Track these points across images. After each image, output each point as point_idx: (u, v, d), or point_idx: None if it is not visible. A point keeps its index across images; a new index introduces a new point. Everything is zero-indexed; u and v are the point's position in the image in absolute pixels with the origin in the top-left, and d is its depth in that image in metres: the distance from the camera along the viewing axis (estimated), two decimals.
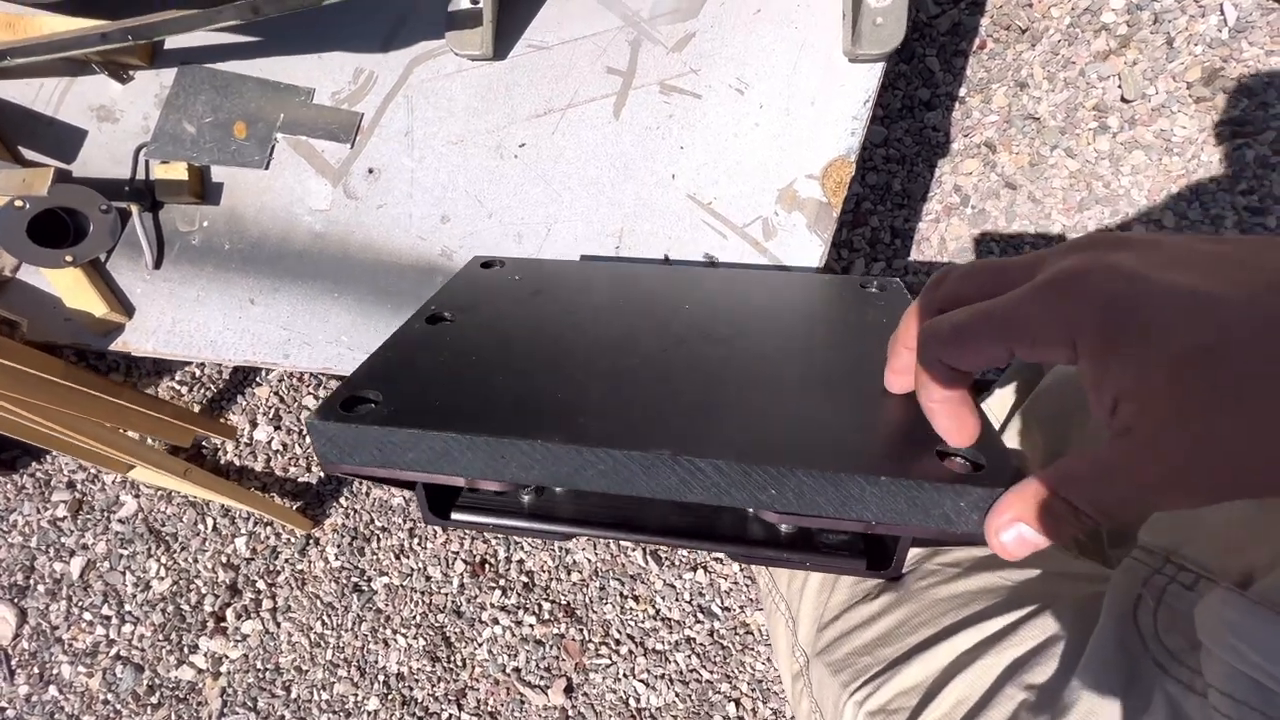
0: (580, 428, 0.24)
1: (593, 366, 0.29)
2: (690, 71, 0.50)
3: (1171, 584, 0.30)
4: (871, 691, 0.36)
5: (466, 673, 0.91)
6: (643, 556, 0.92)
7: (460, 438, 0.24)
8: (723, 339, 0.32)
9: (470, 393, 0.27)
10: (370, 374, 0.28)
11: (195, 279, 0.54)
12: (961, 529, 0.22)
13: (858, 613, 0.40)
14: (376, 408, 0.26)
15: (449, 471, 0.25)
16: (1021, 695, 0.31)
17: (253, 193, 0.54)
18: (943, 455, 0.23)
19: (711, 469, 0.23)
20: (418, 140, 0.53)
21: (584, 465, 0.24)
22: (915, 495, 0.22)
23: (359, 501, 0.97)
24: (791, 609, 0.46)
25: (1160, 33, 0.89)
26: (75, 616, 0.96)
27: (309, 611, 0.94)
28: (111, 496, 0.99)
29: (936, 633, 0.35)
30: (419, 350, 0.31)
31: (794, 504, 0.23)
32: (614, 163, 0.51)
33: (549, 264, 0.41)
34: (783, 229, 0.49)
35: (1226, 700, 0.26)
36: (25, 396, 0.53)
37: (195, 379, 1.01)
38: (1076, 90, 0.91)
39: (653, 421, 0.25)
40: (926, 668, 0.35)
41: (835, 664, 0.39)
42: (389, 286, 0.52)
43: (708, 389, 0.27)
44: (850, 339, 0.32)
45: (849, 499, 0.22)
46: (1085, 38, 0.91)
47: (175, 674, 0.94)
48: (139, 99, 0.56)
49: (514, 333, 0.33)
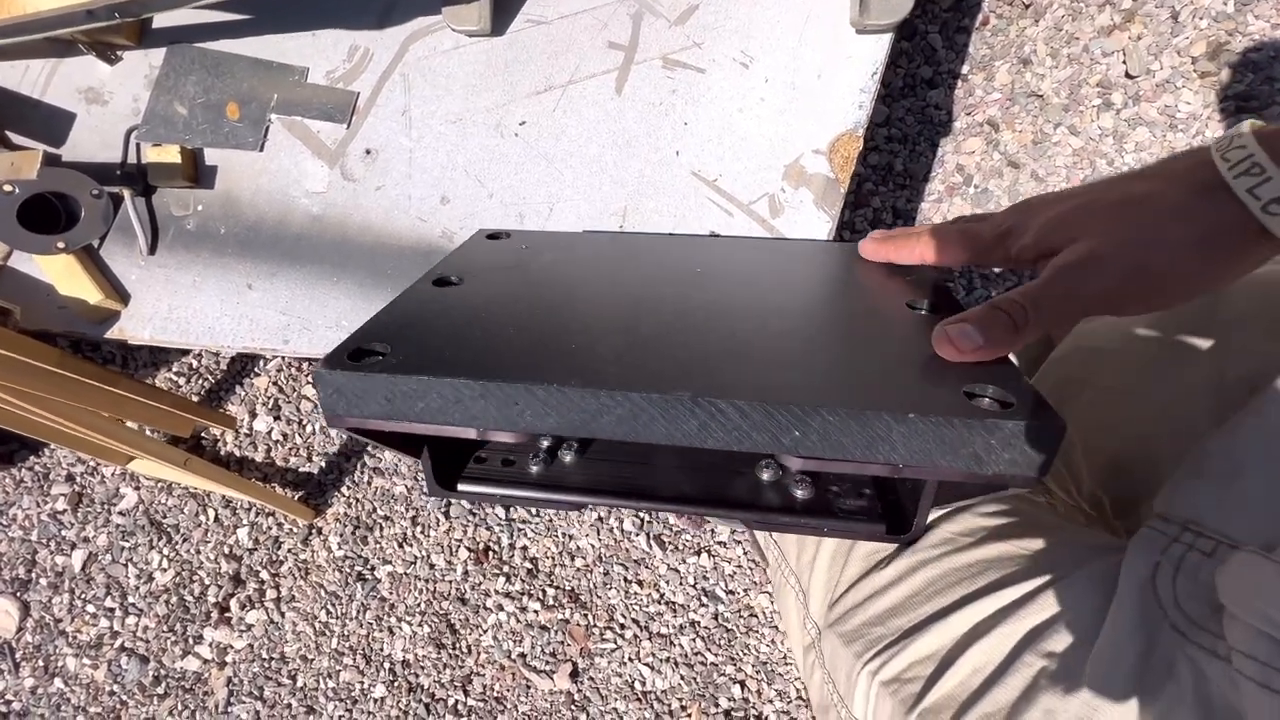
0: (596, 372, 0.23)
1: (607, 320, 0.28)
2: (694, 45, 0.49)
3: (1190, 551, 0.30)
4: (886, 661, 0.36)
5: (472, 659, 0.91)
6: (646, 542, 0.92)
7: (472, 384, 0.23)
8: (738, 294, 0.31)
9: (481, 344, 0.26)
10: (378, 327, 0.27)
11: (191, 264, 0.53)
12: (991, 469, 0.22)
13: (870, 583, 0.39)
14: (385, 357, 0.25)
15: (460, 421, 0.24)
16: (1040, 663, 0.31)
17: (248, 175, 0.53)
18: (970, 396, 0.22)
19: (733, 410, 0.22)
20: (415, 119, 0.52)
21: (600, 410, 0.23)
22: (944, 433, 0.21)
23: (361, 491, 0.97)
24: (802, 582, 0.45)
25: (1165, 7, 0.88)
26: (78, 609, 0.96)
27: (313, 601, 0.94)
28: (111, 489, 0.99)
29: (952, 602, 0.35)
30: (427, 308, 0.30)
31: (818, 446, 0.22)
32: (616, 140, 0.50)
33: (557, 235, 0.40)
34: (789, 206, 0.48)
35: (1251, 663, 0.25)
36: (21, 386, 0.53)
37: (193, 370, 1.00)
38: (1080, 66, 0.90)
39: (671, 366, 0.24)
40: (942, 636, 0.35)
41: (848, 635, 0.39)
42: (389, 270, 0.51)
43: (726, 337, 0.27)
44: (867, 295, 0.32)
45: (876, 439, 0.22)
46: (1089, 13, 0.90)
47: (181, 664, 0.94)
48: (128, 80, 0.54)
49: (524, 291, 0.32)
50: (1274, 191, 0.23)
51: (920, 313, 0.28)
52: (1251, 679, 0.26)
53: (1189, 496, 0.32)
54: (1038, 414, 0.21)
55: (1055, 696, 0.30)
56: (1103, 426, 0.42)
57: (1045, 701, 0.30)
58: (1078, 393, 0.45)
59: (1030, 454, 0.21)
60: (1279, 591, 0.26)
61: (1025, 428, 0.21)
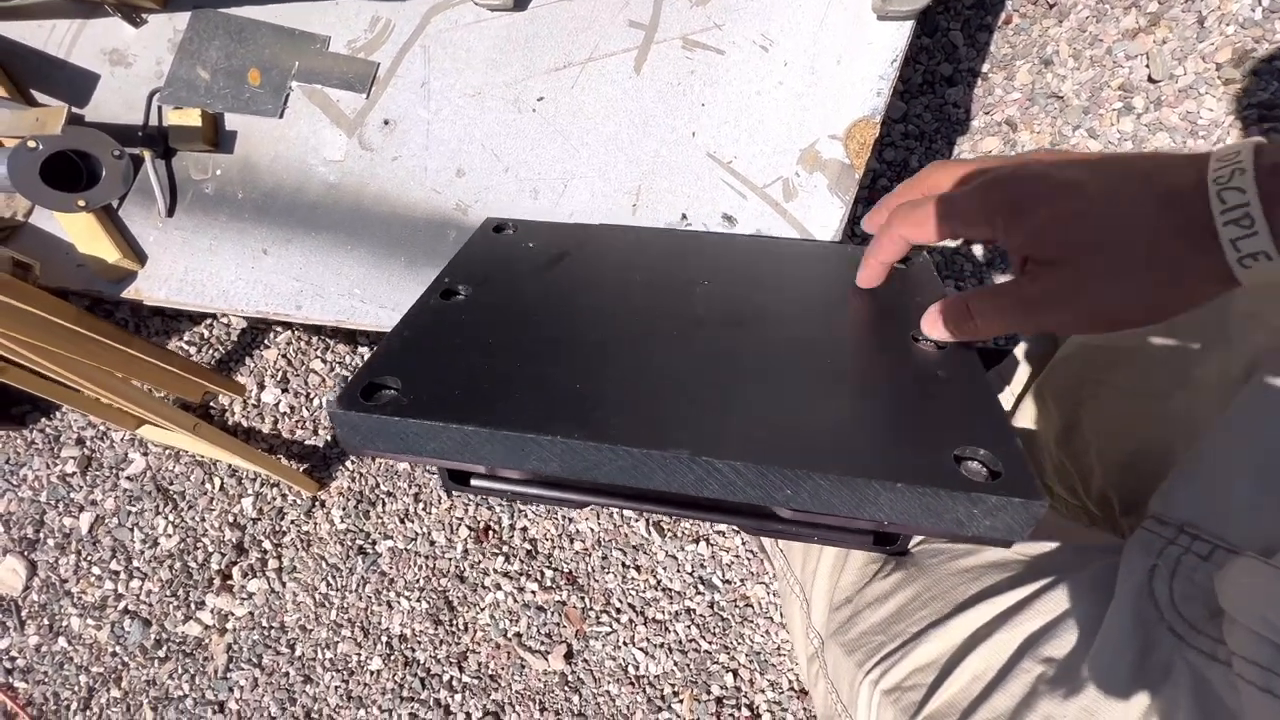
0: (599, 423, 0.24)
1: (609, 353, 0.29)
2: (714, 26, 0.49)
3: (1186, 555, 0.30)
4: (887, 669, 0.36)
5: (468, 636, 0.92)
6: (645, 527, 0.93)
7: (481, 431, 0.24)
8: (741, 322, 0.31)
9: (488, 382, 0.27)
10: (388, 359, 0.28)
11: (208, 228, 0.54)
12: (971, 531, 0.22)
13: (869, 591, 0.39)
14: (396, 396, 0.26)
15: (469, 460, 0.25)
16: (1039, 669, 0.31)
17: (267, 142, 0.54)
18: (959, 459, 0.23)
19: (729, 470, 0.23)
20: (434, 92, 0.52)
21: (602, 461, 0.24)
22: (930, 501, 0.22)
23: (365, 466, 0.97)
24: (805, 591, 0.46)
25: (1192, 11, 0.87)
26: (84, 570, 0.98)
27: (314, 572, 0.95)
28: (120, 454, 1.00)
29: (951, 609, 0.35)
30: (435, 330, 0.30)
31: (809, 503, 0.23)
32: (633, 119, 0.50)
33: (560, 229, 0.41)
34: (803, 190, 0.48)
35: (1252, 668, 0.25)
36: (39, 341, 0.53)
37: (204, 340, 1.01)
38: (1103, 69, 0.89)
39: (671, 418, 0.25)
40: (941, 643, 0.35)
41: (849, 644, 0.39)
42: (403, 239, 0.52)
43: (725, 380, 0.27)
44: (871, 322, 0.32)
45: (864, 501, 0.22)
46: (1114, 14, 0.89)
47: (182, 629, 0.95)
48: (152, 43, 0.55)
49: (529, 311, 0.32)
50: (1256, 246, 0.23)
51: (923, 347, 0.29)
52: (1252, 683, 0.26)
53: (1184, 498, 0.32)
54: (1023, 489, 0.22)
55: (1054, 702, 0.30)
56: (1121, 426, 0.42)
57: (1044, 707, 0.30)
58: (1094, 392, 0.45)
59: (1010, 524, 0.22)
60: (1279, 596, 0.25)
61: (1009, 502, 0.21)
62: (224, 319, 1.02)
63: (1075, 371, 0.48)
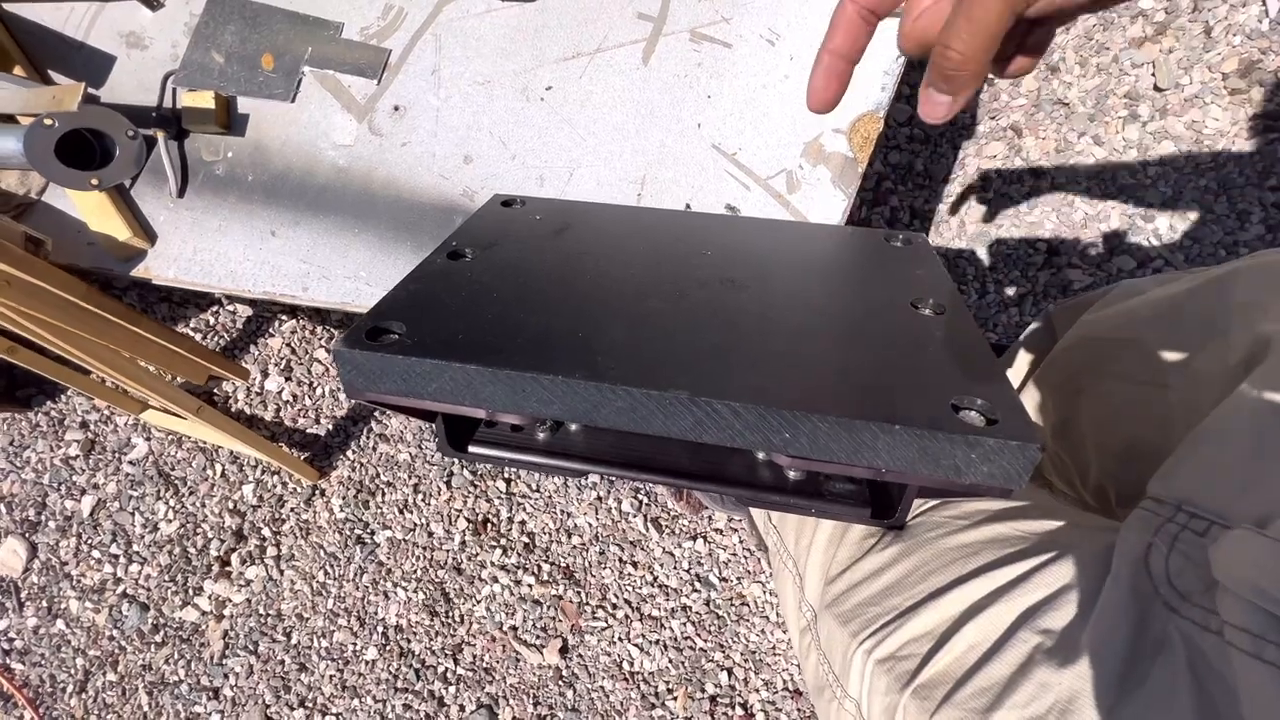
0: (600, 365, 0.25)
1: (612, 306, 0.29)
2: (722, 20, 0.50)
3: (1184, 531, 0.30)
4: (881, 639, 0.36)
5: (464, 628, 0.92)
6: (643, 523, 0.93)
7: (483, 370, 0.24)
8: (743, 284, 0.31)
9: (493, 327, 0.27)
10: (394, 305, 0.28)
11: (218, 209, 0.55)
12: (969, 479, 0.22)
13: (866, 564, 0.40)
14: (400, 338, 0.26)
15: (470, 403, 0.25)
16: (1036, 639, 0.31)
17: (278, 125, 0.54)
18: (956, 408, 0.23)
19: (728, 411, 0.23)
20: (444, 79, 0.53)
21: (602, 402, 0.24)
22: (927, 445, 0.22)
23: (366, 455, 0.98)
24: (799, 565, 0.46)
25: (1199, 21, 0.88)
26: (84, 554, 0.98)
27: (312, 561, 0.95)
28: (123, 438, 1.01)
29: (948, 582, 0.35)
30: (441, 285, 0.31)
31: (807, 448, 0.23)
32: (640, 109, 0.50)
33: (570, 204, 0.41)
34: (807, 182, 0.49)
35: (1244, 635, 0.26)
36: (47, 317, 0.54)
37: (209, 327, 1.02)
38: (1109, 76, 0.90)
39: (671, 362, 0.25)
40: (937, 615, 0.35)
41: (844, 615, 0.39)
42: (410, 224, 0.52)
43: (726, 332, 0.27)
44: (871, 288, 0.32)
45: (861, 445, 0.23)
46: (1122, 23, 0.89)
47: (180, 614, 0.95)
48: (168, 27, 0.56)
49: (534, 271, 0.33)
50: None
51: (923, 313, 0.29)
52: (1244, 650, 0.26)
53: (1182, 478, 0.32)
54: (1019, 433, 0.22)
55: (1050, 670, 0.30)
56: (1120, 415, 0.42)
57: (1040, 675, 0.30)
58: (1094, 383, 0.45)
59: (1007, 469, 0.22)
60: (1271, 566, 0.26)
61: (1006, 445, 0.22)
62: (230, 306, 1.02)
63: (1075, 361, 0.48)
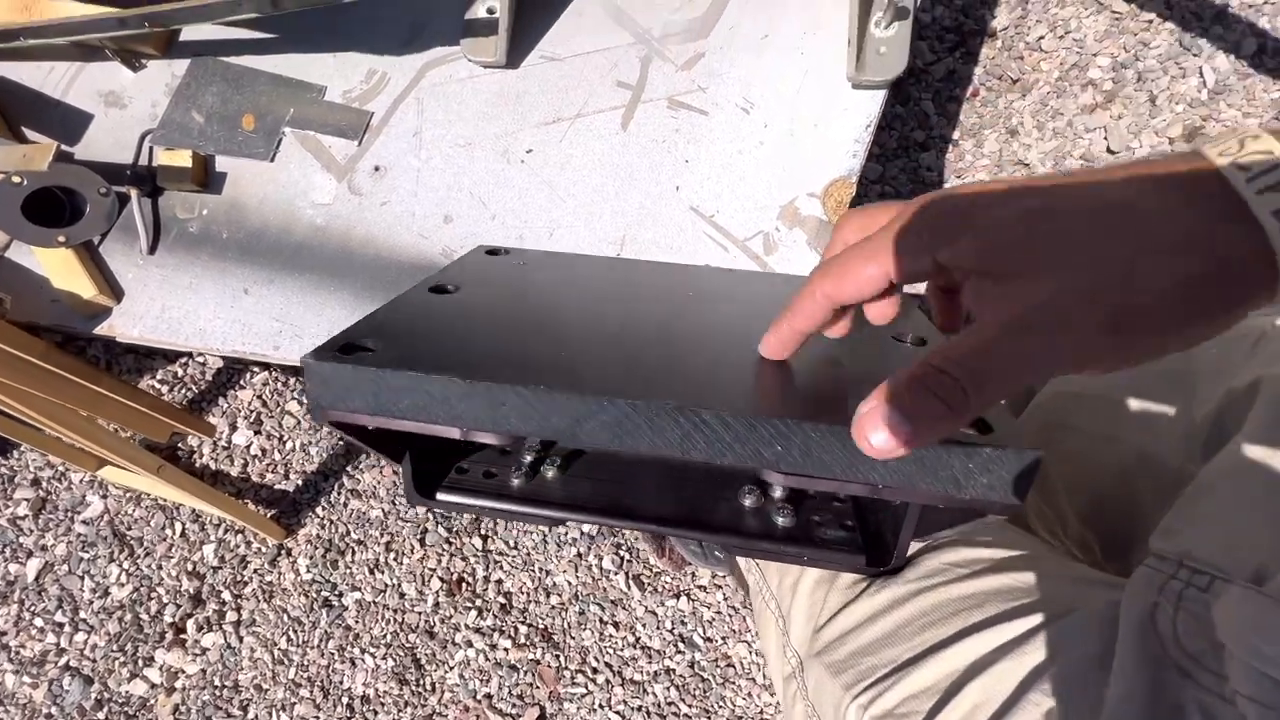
0: (584, 378, 0.24)
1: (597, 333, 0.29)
2: (698, 89, 0.52)
3: (1187, 588, 0.30)
4: (877, 695, 0.34)
5: (435, 697, 0.87)
6: (625, 581, 0.90)
7: (459, 382, 0.23)
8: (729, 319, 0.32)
9: (470, 346, 0.26)
10: (370, 325, 0.28)
11: (190, 266, 0.54)
12: (969, 493, 0.22)
13: (858, 610, 0.38)
14: (374, 354, 0.25)
15: (444, 420, 0.24)
16: (1047, 703, 0.30)
17: (256, 183, 0.54)
18: None
19: (717, 421, 0.22)
20: (426, 141, 0.53)
21: (586, 415, 0.23)
22: (924, 454, 0.22)
23: (336, 512, 0.94)
24: (782, 607, 0.44)
25: (1144, 90, 0.94)
26: (26, 622, 0.92)
27: (274, 626, 0.90)
28: (78, 496, 0.96)
29: (950, 634, 0.34)
30: (420, 311, 0.30)
31: (799, 462, 0.22)
32: (619, 172, 0.51)
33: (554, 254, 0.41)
34: (783, 244, 0.50)
35: (1255, 706, 0.25)
36: (1, 377, 0.52)
37: (177, 379, 0.99)
38: (1065, 140, 0.95)
39: (658, 378, 0.24)
40: (939, 670, 0.33)
41: (835, 665, 0.37)
42: (388, 281, 0.52)
43: (712, 354, 0.27)
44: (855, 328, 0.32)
45: (857, 457, 0.22)
46: (1073, 91, 0.95)
47: (127, 688, 0.89)
48: (149, 87, 0.56)
49: (517, 302, 0.32)
50: None
51: (905, 345, 0.29)
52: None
53: (1180, 531, 0.32)
54: (1016, 440, 0.22)
55: None
56: (1085, 467, 0.42)
57: None
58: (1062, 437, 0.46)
59: (1007, 479, 0.22)
60: (1270, 626, 0.25)
61: (1003, 453, 0.21)
62: (199, 358, 1.00)
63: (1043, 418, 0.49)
